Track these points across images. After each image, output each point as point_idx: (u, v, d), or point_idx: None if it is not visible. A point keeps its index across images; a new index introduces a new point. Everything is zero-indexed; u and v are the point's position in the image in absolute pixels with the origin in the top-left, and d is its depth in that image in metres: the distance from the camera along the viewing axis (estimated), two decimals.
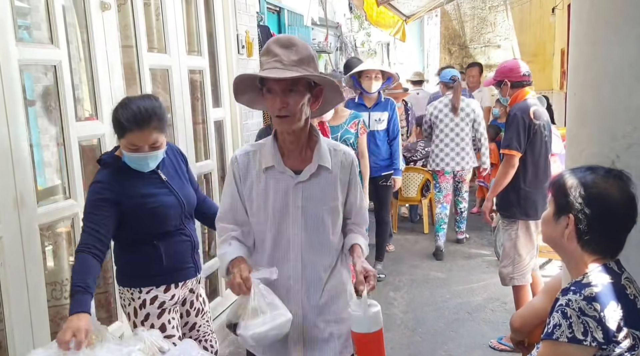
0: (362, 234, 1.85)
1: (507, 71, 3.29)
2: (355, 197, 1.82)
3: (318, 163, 1.69)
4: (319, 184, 1.71)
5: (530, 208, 3.18)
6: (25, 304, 2.09)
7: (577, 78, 1.80)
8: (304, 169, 1.69)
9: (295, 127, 1.63)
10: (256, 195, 1.72)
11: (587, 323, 1.29)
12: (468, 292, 4.22)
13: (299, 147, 1.71)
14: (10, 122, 2.03)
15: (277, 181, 1.70)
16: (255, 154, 1.74)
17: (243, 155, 1.76)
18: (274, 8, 4.99)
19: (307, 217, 1.70)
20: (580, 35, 1.76)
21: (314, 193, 1.71)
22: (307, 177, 1.69)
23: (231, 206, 1.77)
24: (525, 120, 3.11)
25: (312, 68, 1.61)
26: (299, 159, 1.72)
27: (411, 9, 7.68)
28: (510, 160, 3.15)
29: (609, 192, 1.37)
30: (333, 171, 1.72)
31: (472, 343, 3.41)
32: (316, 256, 1.74)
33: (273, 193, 1.70)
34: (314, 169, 1.69)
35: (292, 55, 1.57)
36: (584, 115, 1.75)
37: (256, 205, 1.72)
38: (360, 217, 1.86)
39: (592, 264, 1.40)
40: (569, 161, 1.81)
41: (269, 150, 1.71)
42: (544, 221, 1.51)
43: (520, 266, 3.24)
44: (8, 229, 2.03)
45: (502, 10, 10.12)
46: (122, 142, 1.98)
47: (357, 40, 10.70)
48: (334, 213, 1.74)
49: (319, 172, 1.70)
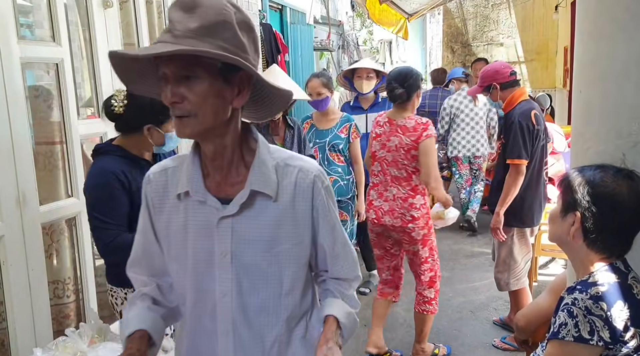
0: (346, 295, 1.30)
1: (493, 74, 3.14)
2: (330, 235, 1.24)
3: (251, 188, 1.15)
4: (257, 219, 1.17)
5: (526, 216, 3.12)
6: (27, 302, 2.09)
7: (582, 75, 1.78)
8: (235, 197, 1.16)
9: (203, 132, 1.11)
10: (174, 233, 1.21)
11: (594, 322, 1.28)
12: (471, 291, 4.21)
13: (225, 163, 1.18)
14: (12, 120, 2.03)
15: (196, 214, 1.18)
16: (175, 172, 1.22)
17: (159, 173, 1.24)
18: (276, 6, 4.98)
19: (240, 269, 1.17)
20: (586, 33, 1.74)
21: (249, 233, 1.16)
22: (237, 209, 1.15)
23: (144, 248, 1.28)
24: (529, 126, 2.99)
25: (221, 40, 1.05)
26: (228, 181, 1.18)
27: (414, 6, 7.66)
28: (519, 169, 3.01)
29: (617, 191, 1.35)
30: (281, 198, 1.17)
31: (475, 342, 3.40)
32: (257, 329, 1.20)
33: (193, 232, 1.18)
34: (246, 196, 1.15)
35: (191, 22, 1.04)
36: (590, 113, 1.73)
37: (174, 249, 1.22)
38: (341, 266, 1.28)
39: (598, 263, 1.39)
40: (574, 159, 1.80)
41: (187, 167, 1.19)
42: (551, 218, 1.49)
43: (515, 271, 3.20)
44: (10, 228, 2.02)
45: (504, 8, 10.10)
46: (165, 126, 1.95)
47: (360, 39, 10.69)
48: (287, 261, 1.19)
49: (255, 201, 1.16)
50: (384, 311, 3.19)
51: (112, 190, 1.84)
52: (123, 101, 1.89)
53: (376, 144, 2.97)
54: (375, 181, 3.03)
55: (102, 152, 1.96)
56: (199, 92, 1.06)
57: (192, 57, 1.03)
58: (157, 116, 1.92)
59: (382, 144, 2.94)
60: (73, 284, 2.48)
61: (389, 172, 2.93)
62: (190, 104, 1.07)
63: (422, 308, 3.07)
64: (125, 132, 1.96)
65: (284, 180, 1.18)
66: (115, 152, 1.94)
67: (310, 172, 1.20)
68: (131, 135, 1.96)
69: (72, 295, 2.47)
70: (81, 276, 2.45)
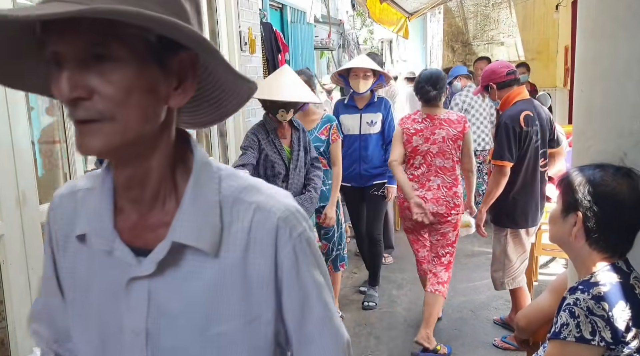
0: None
1: (489, 74, 3.21)
2: (299, 309, 0.80)
3: (173, 240, 0.75)
4: (186, 282, 0.76)
5: (519, 217, 3.12)
6: (27, 302, 2.08)
7: (584, 74, 1.78)
8: (154, 249, 0.76)
9: (120, 147, 0.70)
10: (79, 288, 0.83)
11: (595, 322, 1.27)
12: (471, 290, 4.20)
13: (148, 195, 0.77)
14: (12, 119, 2.02)
15: (101, 267, 0.79)
16: (87, 196, 0.83)
17: (67, 196, 0.86)
18: (277, 5, 4.97)
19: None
20: (588, 31, 1.73)
21: (172, 304, 0.76)
22: (154, 268, 0.75)
23: (45, 300, 0.91)
24: (515, 129, 3.00)
25: (150, 2, 0.65)
26: (149, 222, 0.78)
27: (414, 5, 7.65)
28: (502, 170, 3.04)
29: (618, 190, 1.35)
30: (224, 253, 0.76)
31: (476, 342, 3.40)
32: None
33: (97, 295, 0.80)
34: (166, 251, 0.75)
35: None
36: (591, 111, 1.72)
37: (78, 311, 0.83)
38: (318, 348, 0.81)
39: (600, 263, 1.38)
40: (576, 158, 1.79)
41: (95, 196, 0.80)
42: (551, 219, 1.49)
43: (510, 270, 3.20)
44: (10, 227, 2.02)
45: (505, 7, 10.09)
46: None
47: (360, 38, 10.68)
48: (232, 347, 0.78)
49: (184, 255, 0.76)
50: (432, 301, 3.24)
51: None
52: None
53: (418, 138, 3.23)
54: (417, 173, 3.27)
55: None
56: (118, 83, 0.67)
57: (107, 26, 0.64)
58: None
59: (426, 138, 3.21)
60: None
61: (433, 163, 3.22)
62: (104, 101, 0.66)
63: (436, 288, 3.24)
64: None
65: (233, 225, 0.77)
66: None
67: (273, 213, 0.77)
68: None
69: None
70: None
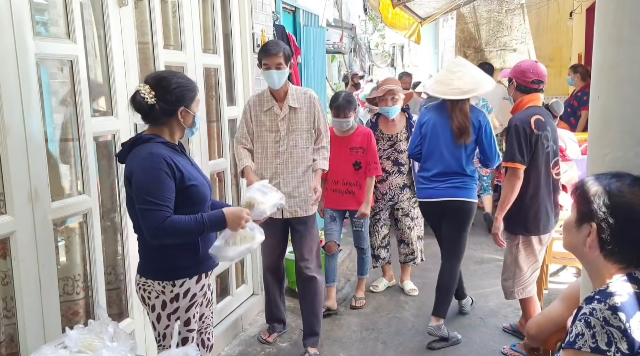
0: None
1: (517, 72, 3.16)
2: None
3: None
4: None
5: (531, 224, 3.08)
6: (37, 298, 2.09)
7: (600, 81, 1.75)
8: None
9: None
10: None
11: (612, 333, 1.25)
12: (480, 297, 4.17)
13: None
14: (25, 116, 2.03)
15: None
16: None
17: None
18: (290, 8, 4.97)
19: None
20: (605, 37, 1.71)
21: None
22: None
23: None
24: (526, 130, 2.98)
25: None
26: None
27: (427, 10, 7.64)
28: (515, 172, 3.00)
29: (634, 202, 1.32)
30: None
31: (484, 349, 3.37)
32: None
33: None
34: None
35: None
36: (608, 118, 1.70)
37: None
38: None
39: (616, 274, 1.36)
40: (592, 165, 1.77)
41: None
42: (566, 227, 1.47)
43: (520, 279, 3.16)
44: (22, 224, 2.03)
45: (518, 14, 10.04)
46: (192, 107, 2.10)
47: (372, 42, 10.67)
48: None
49: None
50: None
51: (162, 173, 1.92)
52: (150, 92, 1.97)
53: None
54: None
55: (145, 140, 2.02)
56: None
57: None
58: (186, 96, 2.03)
59: None
60: (82, 281, 2.48)
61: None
62: None
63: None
64: (158, 121, 2.04)
65: None
66: (156, 140, 2.02)
67: None
68: (163, 123, 2.04)
69: (82, 292, 2.47)
70: (91, 273, 2.45)
